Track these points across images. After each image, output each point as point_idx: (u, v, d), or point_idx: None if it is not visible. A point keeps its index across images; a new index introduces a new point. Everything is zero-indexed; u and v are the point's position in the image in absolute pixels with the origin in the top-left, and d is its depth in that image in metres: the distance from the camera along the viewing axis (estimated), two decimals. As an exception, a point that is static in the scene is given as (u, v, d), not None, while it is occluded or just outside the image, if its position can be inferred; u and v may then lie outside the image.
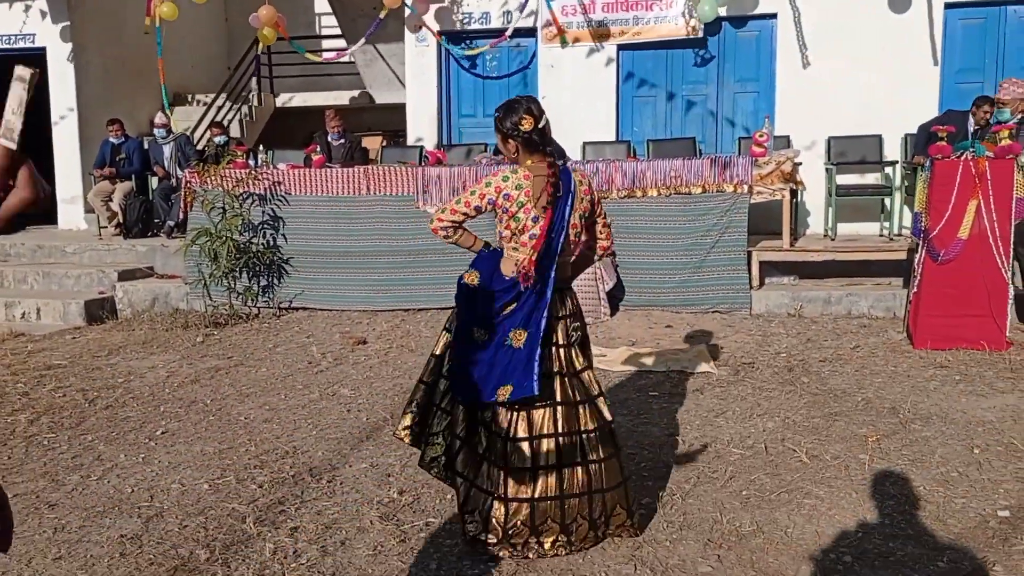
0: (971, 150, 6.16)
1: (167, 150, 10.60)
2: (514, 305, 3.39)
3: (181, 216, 9.09)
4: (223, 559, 3.44)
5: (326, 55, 11.75)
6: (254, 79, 12.92)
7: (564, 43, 9.70)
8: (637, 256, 7.78)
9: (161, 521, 3.82)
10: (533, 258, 3.33)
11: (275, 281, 8.57)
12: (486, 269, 3.47)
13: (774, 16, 9.35)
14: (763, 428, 4.77)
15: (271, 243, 8.60)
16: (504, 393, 3.31)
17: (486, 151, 9.44)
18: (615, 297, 3.96)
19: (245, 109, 12.80)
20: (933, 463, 4.21)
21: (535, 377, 3.30)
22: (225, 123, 11.52)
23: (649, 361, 6.16)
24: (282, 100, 12.98)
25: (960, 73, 9.04)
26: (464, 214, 3.43)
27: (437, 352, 3.57)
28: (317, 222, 8.55)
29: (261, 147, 9.24)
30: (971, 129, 7.83)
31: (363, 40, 10.70)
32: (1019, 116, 6.57)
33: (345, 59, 11.95)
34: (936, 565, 3.26)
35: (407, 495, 4.02)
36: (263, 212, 8.61)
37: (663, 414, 5.07)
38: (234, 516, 3.84)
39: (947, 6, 8.94)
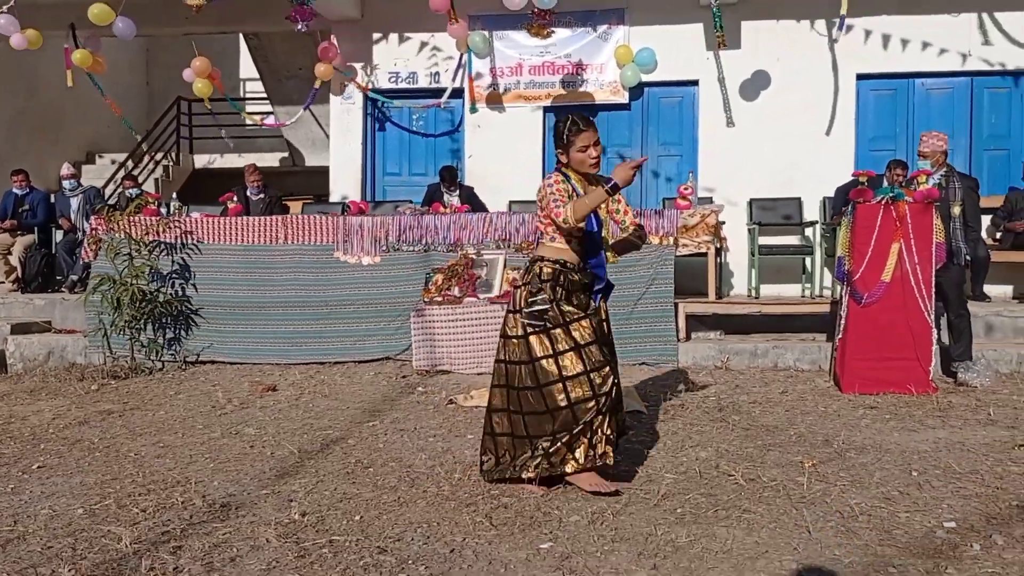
0: (891, 195, 6.21)
1: (74, 203, 10.13)
2: None
3: (85, 261, 8.58)
4: (91, 576, 2.99)
5: (257, 118, 11.53)
6: (186, 139, 12.58)
7: (474, 109, 9.73)
8: (563, 308, 7.59)
9: (23, 543, 3.35)
10: None
11: (183, 333, 8.08)
12: None
13: (696, 83, 9.55)
14: (696, 457, 4.53)
15: (180, 293, 8.15)
16: None
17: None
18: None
19: (160, 170, 12.41)
20: (872, 484, 4.01)
21: None
22: (140, 180, 11.12)
23: (576, 401, 5.88)
24: (202, 162, 12.64)
25: (873, 140, 9.33)
26: None
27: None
28: (230, 272, 8.15)
29: (175, 195, 8.85)
30: (887, 190, 7.98)
31: (301, 111, 10.53)
32: (941, 170, 6.69)
33: (270, 120, 11.76)
34: (886, 571, 3.02)
35: (311, 516, 3.62)
36: (173, 261, 8.19)
37: (591, 446, 4.78)
38: (109, 537, 3.38)
39: (859, 77, 9.27)
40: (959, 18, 9.04)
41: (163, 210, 8.67)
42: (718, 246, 8.01)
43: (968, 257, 6.76)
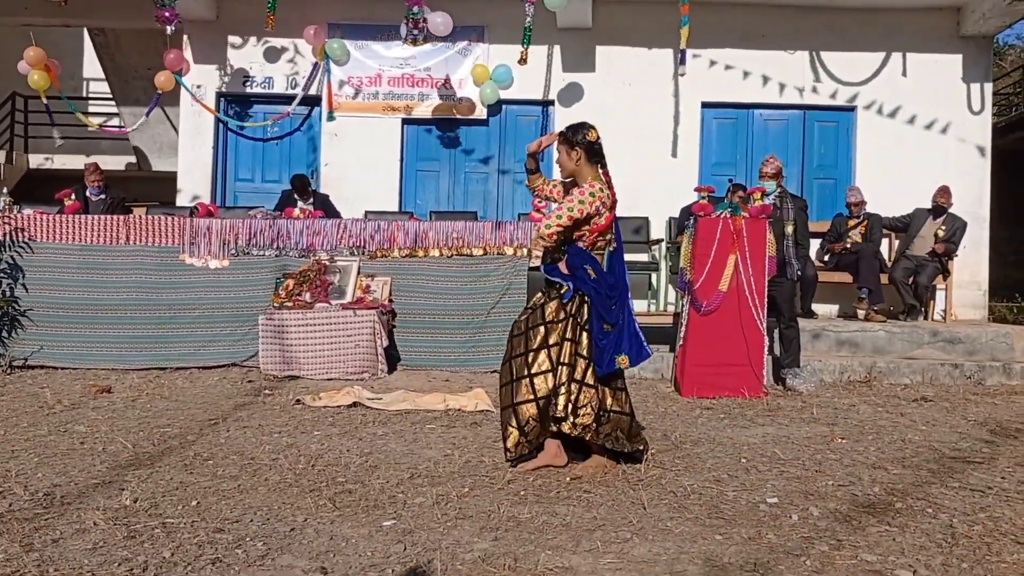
0: (729, 209, 6.60)
1: None
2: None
3: None
4: None
5: (97, 121, 10.96)
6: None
7: (331, 117, 9.67)
8: (419, 316, 7.62)
9: None
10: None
11: (8, 335, 7.57)
12: (594, 264, 4.07)
13: (551, 103, 9.83)
14: (541, 449, 4.62)
15: (8, 293, 7.64)
16: (624, 361, 4.02)
17: (263, 212, 9.03)
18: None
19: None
20: (705, 469, 4.22)
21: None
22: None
23: (426, 401, 5.90)
24: (38, 162, 11.87)
25: (716, 165, 9.85)
26: (575, 221, 4.00)
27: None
28: (65, 272, 7.71)
29: (4, 189, 8.28)
30: (727, 210, 8.45)
31: (144, 118, 10.14)
32: (777, 190, 7.16)
33: (114, 122, 11.23)
34: (713, 538, 3.18)
35: (143, 502, 3.47)
36: (1, 260, 7.67)
37: (440, 441, 4.81)
38: (-87, 525, 3.12)
39: (704, 105, 9.80)
40: (795, 55, 9.72)
41: (-9, 205, 8.10)
42: (570, 259, 8.24)
43: (799, 272, 7.24)
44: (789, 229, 7.13)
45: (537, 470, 4.07)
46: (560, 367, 4.03)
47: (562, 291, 4.10)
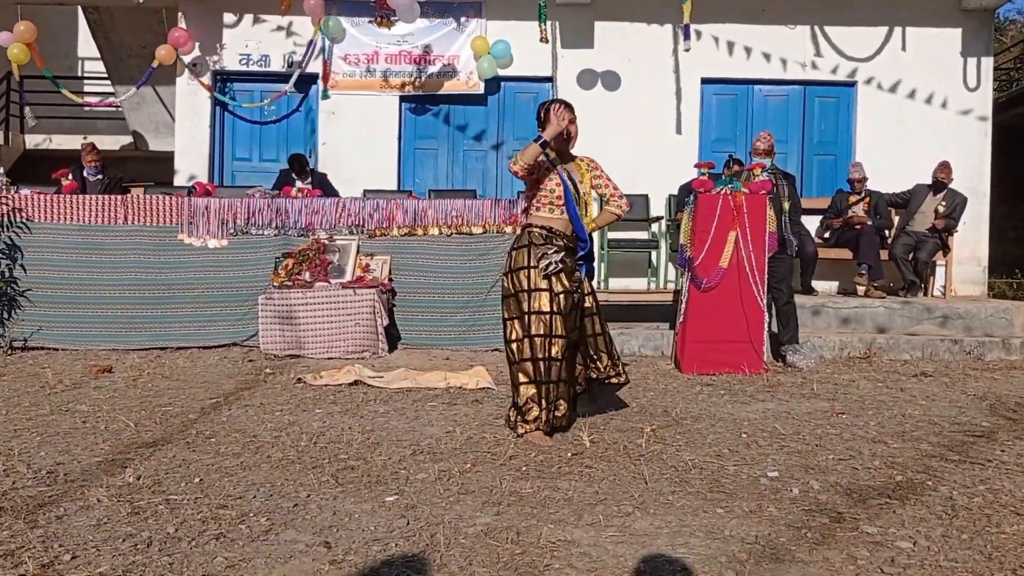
0: (730, 186, 6.58)
1: None
2: None
3: None
4: None
5: (90, 99, 10.90)
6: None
7: (327, 95, 9.63)
8: (419, 295, 7.62)
9: None
10: None
11: (6, 316, 7.56)
12: None
13: (550, 79, 9.78)
14: (542, 425, 4.64)
15: (6, 274, 7.62)
16: None
17: (261, 192, 8.99)
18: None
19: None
20: (706, 444, 4.23)
21: None
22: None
23: (427, 379, 5.90)
24: (34, 142, 11.79)
25: (716, 143, 9.81)
26: None
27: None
28: (64, 252, 7.69)
29: (1, 169, 8.24)
30: (726, 186, 8.42)
31: (134, 89, 10.11)
32: (771, 167, 7.13)
33: (110, 102, 11.16)
34: (715, 512, 3.20)
35: (146, 479, 3.48)
36: (-2, 240, 7.66)
37: (441, 418, 4.82)
38: (-82, 503, 3.13)
39: (703, 81, 9.74)
40: (796, 30, 9.65)
41: (-12, 186, 8.07)
42: (569, 237, 8.23)
43: (797, 248, 7.23)
44: (787, 205, 7.12)
45: (539, 446, 4.11)
46: (597, 337, 4.63)
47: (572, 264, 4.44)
